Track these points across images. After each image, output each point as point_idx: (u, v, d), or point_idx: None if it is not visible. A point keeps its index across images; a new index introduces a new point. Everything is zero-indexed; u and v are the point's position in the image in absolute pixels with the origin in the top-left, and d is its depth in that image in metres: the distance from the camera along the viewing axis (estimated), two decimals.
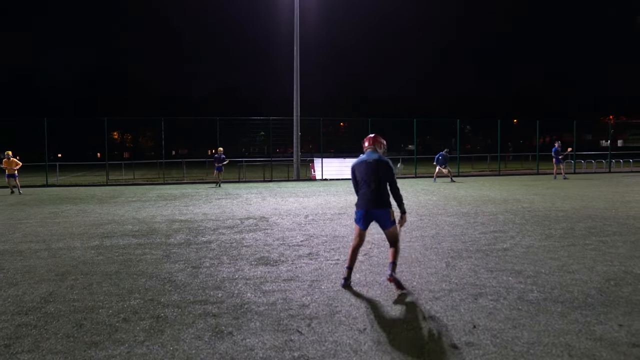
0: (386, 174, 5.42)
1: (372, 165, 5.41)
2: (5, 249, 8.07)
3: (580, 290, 5.34)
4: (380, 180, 5.38)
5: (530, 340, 4.01)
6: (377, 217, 5.39)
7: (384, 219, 5.39)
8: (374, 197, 5.34)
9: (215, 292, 5.49)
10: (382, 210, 5.35)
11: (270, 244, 8.17)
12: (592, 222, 9.85)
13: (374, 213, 5.37)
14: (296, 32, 26.21)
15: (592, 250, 7.30)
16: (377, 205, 5.34)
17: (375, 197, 5.35)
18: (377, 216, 5.38)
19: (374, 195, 5.35)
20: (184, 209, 13.38)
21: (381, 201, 5.35)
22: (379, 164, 5.42)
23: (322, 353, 3.84)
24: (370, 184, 5.38)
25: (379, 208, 5.34)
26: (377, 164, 5.41)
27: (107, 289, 5.67)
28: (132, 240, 8.71)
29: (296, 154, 26.90)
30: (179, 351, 3.91)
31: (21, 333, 4.33)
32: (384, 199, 5.38)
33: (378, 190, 5.36)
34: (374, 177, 5.38)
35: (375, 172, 5.39)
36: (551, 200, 14.08)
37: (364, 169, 5.45)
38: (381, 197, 5.36)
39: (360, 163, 5.51)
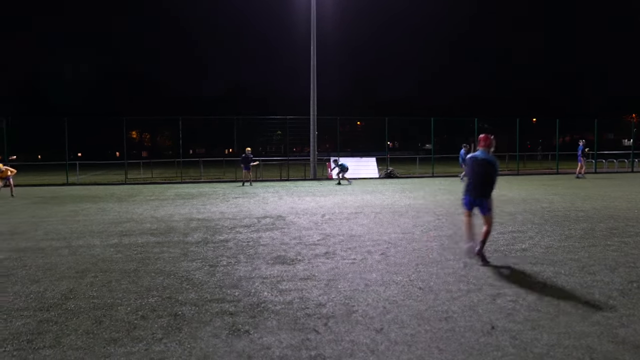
0: (491, 173, 6.60)
1: (482, 164, 6.60)
2: (27, 246, 8.22)
3: (602, 292, 5.26)
4: (485, 176, 6.58)
5: (550, 342, 3.96)
6: (479, 204, 6.62)
7: (483, 207, 6.60)
8: (479, 189, 6.59)
9: (232, 290, 5.52)
10: (483, 199, 6.61)
11: (287, 243, 8.18)
12: (613, 223, 9.69)
13: (476, 202, 6.63)
14: (313, 31, 26.21)
15: (614, 252, 7.18)
16: (481, 195, 6.59)
17: (480, 189, 6.59)
18: (478, 204, 6.62)
19: (478, 187, 6.59)
20: (202, 207, 13.48)
21: (483, 193, 6.59)
22: (487, 164, 6.59)
23: (338, 352, 3.84)
24: (478, 178, 6.61)
25: (481, 198, 6.60)
26: (486, 164, 6.58)
27: (126, 286, 5.73)
28: (150, 238, 8.80)
29: (313, 153, 26.90)
30: (196, 349, 3.93)
31: (43, 329, 4.40)
32: (486, 191, 6.58)
33: (482, 184, 6.58)
34: (481, 173, 6.60)
35: (484, 170, 6.58)
36: (571, 200, 13.88)
37: (476, 165, 6.65)
38: (484, 189, 6.58)
39: (475, 158, 6.70)
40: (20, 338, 4.20)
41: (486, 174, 6.60)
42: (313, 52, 26.33)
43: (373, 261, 6.80)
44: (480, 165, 6.63)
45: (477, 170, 6.64)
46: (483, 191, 6.63)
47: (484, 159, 6.63)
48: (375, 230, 9.31)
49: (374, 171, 27.34)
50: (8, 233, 9.54)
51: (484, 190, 6.63)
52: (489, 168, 6.59)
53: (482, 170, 6.60)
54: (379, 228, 9.52)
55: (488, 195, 6.63)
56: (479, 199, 6.62)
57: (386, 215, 11.38)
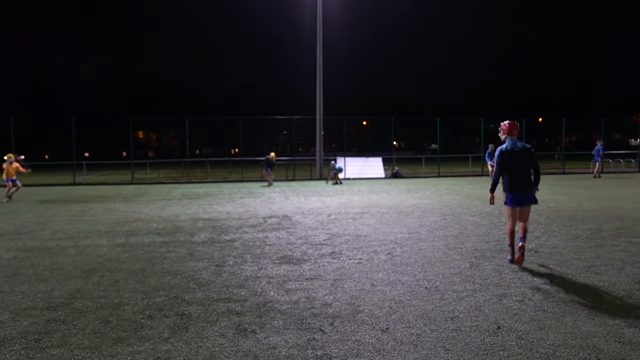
0: (532, 159, 6.26)
1: (520, 153, 6.22)
2: (35, 245, 8.27)
3: (609, 292, 5.23)
4: (527, 165, 6.25)
5: (557, 343, 3.95)
6: (529, 198, 6.26)
7: (532, 198, 6.28)
8: (526, 181, 6.24)
9: (239, 290, 5.53)
10: (531, 191, 6.28)
11: (293, 243, 8.19)
12: (620, 223, 9.64)
13: (527, 196, 6.24)
14: (319, 31, 26.21)
15: (621, 252, 7.14)
16: (528, 187, 6.24)
17: (527, 181, 6.24)
18: (529, 197, 6.26)
19: (525, 180, 6.23)
20: (208, 207, 13.51)
21: (530, 184, 6.26)
22: (525, 152, 6.23)
23: (344, 352, 3.84)
24: (520, 170, 6.21)
25: (529, 190, 6.25)
26: (524, 152, 6.22)
27: (133, 286, 5.76)
28: (157, 238, 8.83)
29: (319, 153, 26.91)
30: (202, 348, 3.95)
31: (50, 328, 4.43)
32: (532, 181, 6.28)
33: (528, 175, 6.24)
34: (523, 163, 6.22)
35: (524, 159, 6.22)
36: (577, 200, 13.82)
37: (515, 156, 6.23)
38: (530, 180, 6.26)
39: (510, 151, 6.26)
40: (27, 337, 4.23)
41: (528, 163, 6.24)
42: (319, 52, 26.33)
43: (379, 261, 6.80)
44: (519, 155, 6.21)
45: (518, 161, 6.21)
46: (529, 182, 6.27)
47: (521, 148, 6.23)
48: (381, 230, 9.31)
49: (380, 171, 27.33)
50: (15, 233, 9.61)
51: (530, 181, 6.28)
52: (529, 156, 6.22)
53: (522, 160, 6.21)
54: (385, 228, 9.52)
55: (537, 183, 6.32)
56: (528, 192, 6.25)
57: (392, 215, 11.37)
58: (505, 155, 6.28)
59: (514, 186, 6.25)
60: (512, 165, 6.23)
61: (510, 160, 6.23)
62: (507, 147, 6.28)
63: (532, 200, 6.29)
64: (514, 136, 6.31)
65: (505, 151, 6.28)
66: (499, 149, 6.34)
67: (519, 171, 6.23)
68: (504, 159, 6.28)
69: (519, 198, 6.27)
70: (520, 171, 6.23)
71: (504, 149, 6.29)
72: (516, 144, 6.26)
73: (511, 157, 6.23)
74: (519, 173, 6.23)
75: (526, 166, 6.23)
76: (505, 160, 6.27)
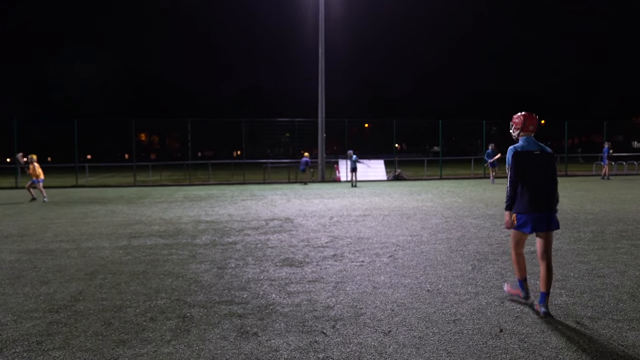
0: (554, 169, 4.67)
1: (542, 158, 4.60)
2: (37, 248, 8.28)
3: (611, 295, 5.22)
4: (548, 176, 4.62)
5: (559, 346, 3.94)
6: (546, 221, 4.59)
7: (553, 222, 4.63)
8: (545, 197, 4.58)
9: (241, 292, 5.53)
10: (552, 213, 4.62)
11: (295, 245, 8.19)
12: (623, 225, 9.62)
13: (543, 217, 4.57)
14: (321, 34, 26.24)
15: (624, 254, 7.12)
16: (549, 207, 4.59)
17: (547, 197, 4.58)
18: (546, 219, 4.59)
19: (544, 195, 4.58)
20: (210, 210, 13.52)
21: (551, 202, 4.61)
22: (547, 157, 4.63)
23: (346, 355, 3.84)
24: (540, 181, 4.58)
25: (549, 211, 4.60)
26: (546, 157, 4.62)
27: (135, 288, 5.77)
28: (159, 240, 8.84)
29: (321, 155, 26.93)
30: (204, 351, 3.95)
31: (52, 330, 4.43)
32: (555, 198, 4.64)
33: (549, 189, 4.60)
34: (543, 173, 4.60)
35: (545, 167, 4.61)
36: (580, 202, 13.79)
37: (534, 161, 4.59)
38: (552, 197, 4.61)
39: (529, 152, 4.61)
40: (30, 339, 4.23)
41: (549, 173, 4.61)
42: (321, 55, 26.36)
43: (381, 264, 6.79)
44: (539, 160, 4.59)
45: (538, 168, 4.58)
46: (551, 200, 4.60)
47: (542, 151, 4.61)
48: (383, 232, 9.30)
49: (382, 173, 27.32)
50: (18, 235, 9.63)
51: (552, 197, 4.61)
52: (550, 163, 4.62)
53: (543, 167, 4.59)
54: (387, 230, 9.51)
55: (556, 203, 4.67)
56: (546, 213, 4.57)
57: (394, 217, 11.36)
58: (520, 158, 4.61)
59: (534, 204, 4.54)
60: (530, 173, 4.58)
61: (528, 167, 4.58)
62: (523, 147, 4.66)
63: (556, 224, 4.67)
64: (530, 133, 4.71)
65: (522, 152, 4.62)
66: (512, 148, 4.67)
67: (540, 182, 4.58)
68: (520, 163, 4.60)
69: (539, 221, 4.57)
70: (541, 182, 4.58)
71: (519, 149, 4.65)
72: (535, 145, 4.66)
73: (529, 161, 4.59)
74: (539, 185, 4.57)
75: (547, 176, 4.60)
76: (522, 166, 4.60)
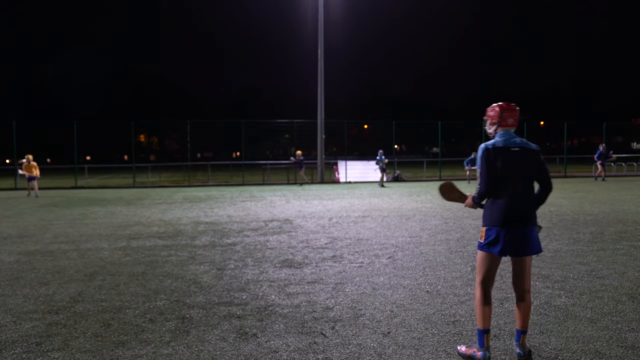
0: (540, 169, 3.67)
1: (521, 155, 3.58)
2: (36, 249, 8.28)
3: (611, 297, 5.22)
4: (530, 178, 3.64)
5: (558, 347, 3.94)
6: (526, 237, 3.56)
7: (533, 241, 3.59)
8: (524, 204, 3.58)
9: (240, 294, 5.53)
10: (533, 226, 3.62)
11: (295, 247, 8.19)
12: (622, 227, 9.62)
13: (518, 232, 3.54)
14: (320, 35, 26.25)
15: (623, 255, 7.13)
16: (527, 217, 3.58)
17: (526, 203, 3.60)
18: (524, 235, 3.55)
19: (522, 202, 3.57)
20: (209, 211, 13.52)
21: (531, 211, 3.62)
22: (529, 153, 3.61)
23: (345, 356, 3.84)
24: (518, 182, 3.57)
25: (529, 223, 3.59)
26: (527, 154, 3.61)
27: (134, 289, 5.76)
28: (158, 241, 8.83)
29: (320, 156, 26.94)
30: (203, 352, 3.95)
31: (52, 332, 4.43)
32: (535, 207, 3.67)
33: (529, 194, 3.64)
34: (523, 171, 3.59)
35: (526, 166, 3.60)
36: (579, 203, 13.80)
37: (511, 157, 3.56)
38: (532, 204, 3.64)
39: (504, 148, 3.58)
40: (29, 341, 4.23)
41: (532, 173, 3.62)
42: (320, 55, 26.37)
43: (380, 265, 6.79)
44: (518, 157, 3.55)
45: (516, 168, 3.55)
46: (531, 208, 3.61)
47: (522, 147, 3.59)
48: (382, 233, 9.30)
49: None
50: (17, 236, 9.62)
51: (532, 205, 3.64)
52: (535, 161, 3.61)
53: (524, 167, 3.56)
54: (386, 232, 9.51)
55: (540, 204, 3.72)
56: (525, 227, 3.54)
57: (393, 218, 11.36)
58: (492, 156, 3.56)
59: (509, 214, 3.51)
60: (506, 174, 3.53)
61: (503, 166, 3.53)
62: (496, 144, 3.60)
63: (537, 246, 3.62)
64: (510, 127, 3.68)
65: (494, 149, 3.57)
66: (483, 146, 3.64)
67: (518, 187, 3.56)
68: (492, 162, 3.56)
69: (515, 239, 3.53)
70: (519, 187, 3.56)
71: (491, 146, 3.60)
72: (514, 140, 3.62)
73: (505, 159, 3.53)
74: (517, 190, 3.55)
75: (529, 179, 3.62)
76: (494, 166, 3.55)
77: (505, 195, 3.55)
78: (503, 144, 3.59)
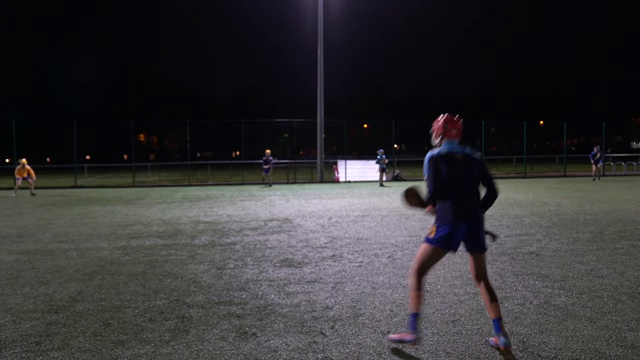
0: (483, 175, 4.01)
1: (464, 162, 3.93)
2: (36, 248, 8.27)
3: (610, 296, 5.22)
4: (475, 182, 3.99)
5: (558, 346, 3.94)
6: (473, 234, 3.90)
7: (480, 238, 3.93)
8: (470, 204, 3.91)
9: (240, 293, 5.53)
10: (480, 224, 3.94)
11: (294, 246, 8.19)
12: (622, 226, 9.62)
13: (465, 229, 3.86)
14: (320, 34, 26.24)
15: (623, 255, 7.13)
16: (475, 215, 3.90)
17: (471, 204, 3.92)
18: (471, 232, 3.89)
19: (468, 202, 3.91)
20: (209, 210, 13.52)
21: (477, 211, 3.95)
22: (472, 161, 3.96)
23: (345, 355, 3.84)
24: (463, 185, 3.91)
25: (476, 220, 3.91)
26: (470, 161, 3.95)
27: (134, 289, 5.76)
28: (157, 241, 8.83)
29: (320, 156, 26.93)
30: (203, 351, 3.94)
31: (51, 331, 4.43)
32: (480, 208, 4.00)
33: (474, 195, 3.97)
34: (468, 176, 3.94)
35: (470, 171, 3.95)
36: (579, 203, 13.80)
37: (455, 164, 3.91)
38: (477, 205, 3.96)
39: (447, 156, 3.92)
40: (28, 340, 4.22)
41: (477, 179, 3.98)
42: (320, 55, 26.37)
43: (380, 264, 6.79)
44: (462, 165, 3.91)
45: (461, 175, 3.91)
46: (476, 209, 3.92)
47: (465, 155, 3.94)
48: (382, 233, 9.30)
49: None
50: (17, 235, 9.62)
51: (477, 207, 3.94)
52: (479, 169, 3.97)
53: (468, 174, 3.93)
54: (385, 231, 9.51)
55: (487, 207, 4.03)
56: (473, 222, 3.87)
57: (393, 218, 11.36)
58: (440, 164, 3.91)
59: (457, 214, 3.84)
60: (451, 180, 3.89)
61: (448, 172, 3.89)
62: (442, 152, 3.95)
63: (482, 244, 3.95)
64: (454, 138, 4.02)
65: (440, 157, 3.93)
66: (429, 155, 3.98)
67: (463, 191, 3.90)
68: (439, 169, 3.90)
69: (464, 235, 3.88)
70: (464, 191, 3.91)
71: (437, 155, 3.94)
72: (458, 149, 3.97)
73: (449, 166, 3.90)
74: (462, 193, 3.90)
75: (473, 184, 3.96)
76: (442, 173, 3.90)
77: (452, 198, 3.90)
78: (447, 152, 3.95)
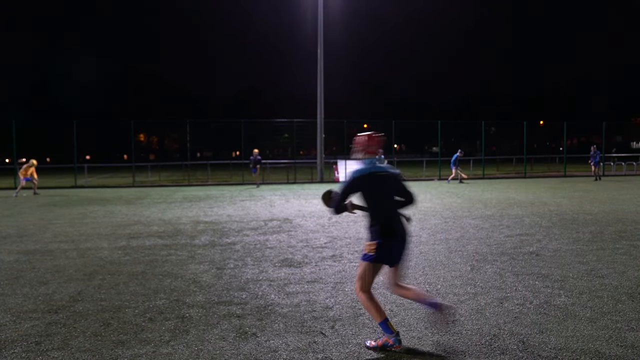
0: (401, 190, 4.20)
1: (387, 179, 4.10)
2: (36, 248, 8.27)
3: (610, 296, 5.22)
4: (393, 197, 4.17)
5: (558, 346, 3.94)
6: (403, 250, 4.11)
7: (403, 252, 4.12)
8: (399, 220, 4.12)
9: (240, 293, 5.53)
10: (406, 236, 4.13)
11: (294, 246, 8.19)
12: (622, 226, 9.62)
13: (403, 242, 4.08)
14: (320, 34, 26.24)
15: (623, 255, 7.13)
16: (403, 230, 4.11)
17: (399, 220, 4.12)
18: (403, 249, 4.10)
19: (397, 220, 4.10)
20: (209, 210, 13.52)
21: (403, 225, 4.14)
22: (393, 178, 4.15)
23: (345, 355, 3.84)
24: (391, 202, 4.13)
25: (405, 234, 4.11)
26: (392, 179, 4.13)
27: (134, 289, 5.76)
28: (157, 241, 8.83)
29: (320, 156, 26.93)
30: (203, 351, 3.95)
31: (51, 331, 4.43)
32: (403, 222, 4.16)
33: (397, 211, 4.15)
34: (391, 194, 4.15)
35: (394, 188, 4.16)
36: (579, 203, 13.80)
37: (380, 183, 4.08)
38: (401, 222, 4.14)
39: (372, 174, 4.08)
40: (29, 340, 4.23)
41: (394, 193, 4.15)
42: (320, 55, 26.36)
43: None
44: (386, 182, 4.08)
45: (387, 190, 4.09)
46: (400, 224, 4.10)
47: (386, 172, 4.11)
48: None
49: None
50: (17, 235, 9.62)
51: (401, 221, 4.12)
52: (395, 183, 4.14)
53: (388, 188, 4.10)
54: None
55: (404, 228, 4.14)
56: (400, 240, 4.05)
57: None
58: (359, 181, 4.07)
59: (390, 230, 4.01)
60: (379, 197, 4.06)
61: (372, 189, 4.06)
62: (367, 170, 4.08)
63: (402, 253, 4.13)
64: (373, 155, 4.20)
65: (366, 175, 4.06)
66: (355, 172, 4.12)
67: (388, 205, 4.10)
68: (354, 186, 4.10)
69: (399, 250, 4.07)
70: (389, 205, 4.11)
71: (363, 172, 4.07)
72: (378, 168, 4.11)
73: (372, 184, 4.05)
74: (389, 208, 4.10)
75: (393, 197, 4.16)
76: (370, 190, 4.07)
77: (384, 215, 4.07)
78: (370, 171, 4.11)
